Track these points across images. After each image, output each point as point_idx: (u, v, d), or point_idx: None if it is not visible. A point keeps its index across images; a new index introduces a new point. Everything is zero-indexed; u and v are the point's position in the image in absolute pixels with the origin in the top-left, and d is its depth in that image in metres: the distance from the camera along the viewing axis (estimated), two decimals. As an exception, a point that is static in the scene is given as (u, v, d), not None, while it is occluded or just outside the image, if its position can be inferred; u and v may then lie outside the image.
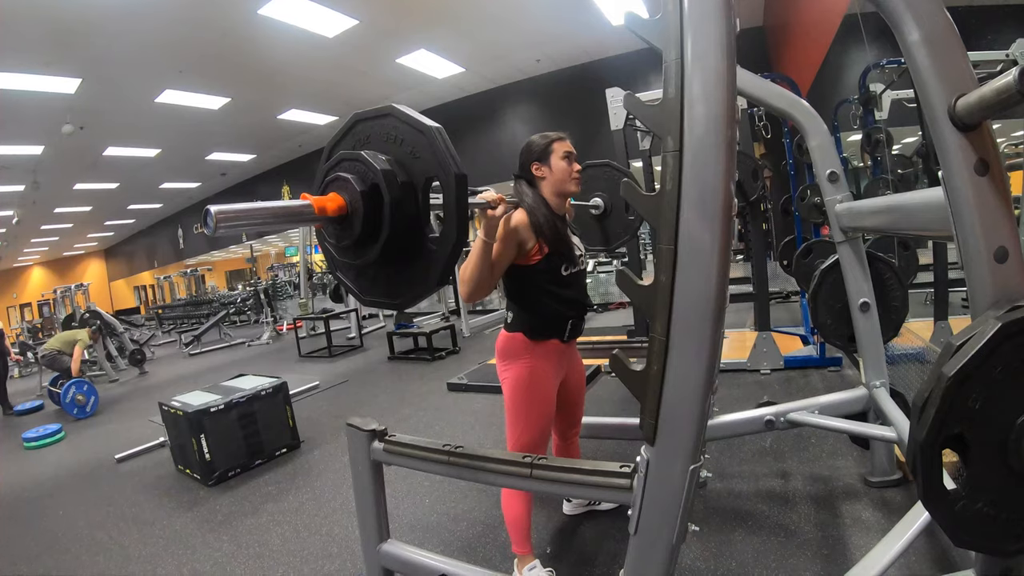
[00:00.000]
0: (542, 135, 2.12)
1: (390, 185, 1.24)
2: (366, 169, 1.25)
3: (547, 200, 2.08)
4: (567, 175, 2.08)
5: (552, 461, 1.50)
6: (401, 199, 1.25)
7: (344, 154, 1.30)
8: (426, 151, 1.26)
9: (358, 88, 10.08)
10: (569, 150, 2.10)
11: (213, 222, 1.01)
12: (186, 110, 9.74)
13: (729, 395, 4.10)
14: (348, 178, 1.25)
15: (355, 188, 1.24)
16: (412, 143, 1.28)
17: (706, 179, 1.05)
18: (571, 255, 2.11)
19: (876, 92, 4.77)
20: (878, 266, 2.48)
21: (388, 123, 1.31)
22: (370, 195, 1.24)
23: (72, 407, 6.05)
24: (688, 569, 2.16)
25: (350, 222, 1.26)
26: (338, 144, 1.41)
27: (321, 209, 1.21)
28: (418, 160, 1.28)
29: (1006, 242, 1.09)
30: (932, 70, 1.10)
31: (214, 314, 12.56)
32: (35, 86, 7.62)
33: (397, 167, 1.27)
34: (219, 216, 1.01)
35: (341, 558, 2.58)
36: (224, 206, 1.03)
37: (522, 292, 2.07)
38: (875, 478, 2.58)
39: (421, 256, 1.31)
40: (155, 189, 15.99)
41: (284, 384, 4.19)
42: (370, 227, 1.25)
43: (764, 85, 2.45)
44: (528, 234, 1.99)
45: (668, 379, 1.14)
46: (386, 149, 1.30)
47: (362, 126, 1.37)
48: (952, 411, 0.96)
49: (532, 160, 2.10)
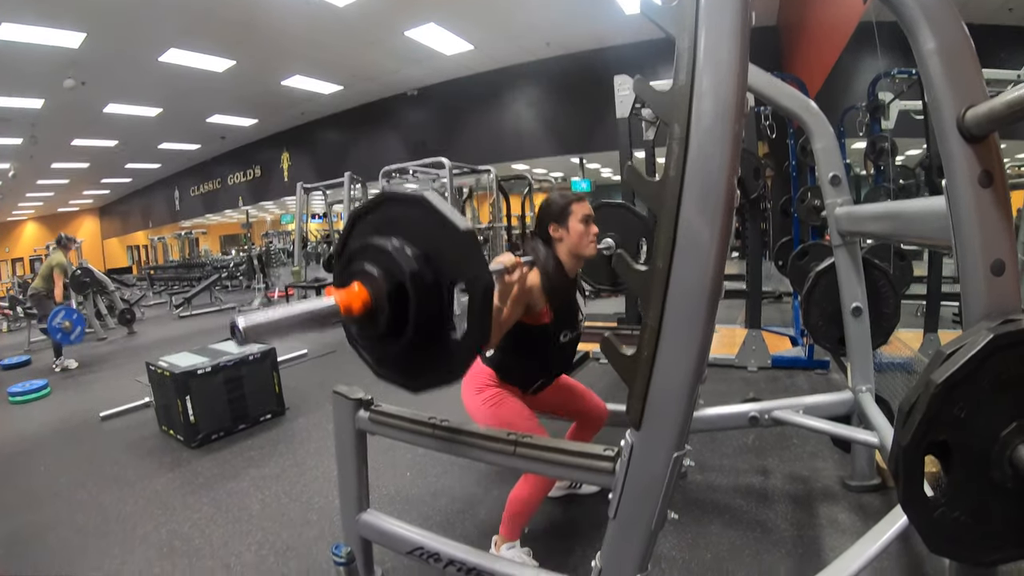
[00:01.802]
0: (561, 194, 2.13)
1: (417, 288, 1.23)
2: (393, 267, 1.24)
3: (562, 261, 2.10)
4: (584, 238, 2.09)
5: (536, 440, 1.51)
6: (427, 300, 1.25)
7: (372, 244, 1.29)
8: (456, 252, 1.24)
9: (365, 59, 10.00)
10: (588, 213, 2.11)
11: (243, 335, 1.03)
12: (189, 71, 9.65)
13: (715, 390, 4.12)
14: (374, 274, 1.24)
15: (381, 286, 1.23)
16: (441, 240, 1.25)
17: (710, 169, 1.04)
18: (574, 322, 2.18)
19: (884, 101, 4.76)
20: (873, 273, 2.49)
21: (418, 212, 1.28)
22: (396, 295, 1.23)
23: (56, 332, 6.02)
24: (663, 558, 2.18)
25: (374, 318, 1.25)
26: (363, 217, 1.39)
27: (347, 309, 1.21)
28: (446, 259, 1.26)
29: (1004, 255, 1.09)
30: (944, 79, 1.10)
31: (206, 277, 12.50)
32: (39, 39, 7.52)
33: (424, 264, 1.25)
34: (248, 330, 1.04)
35: (320, 526, 2.60)
36: (252, 318, 1.05)
37: (512, 343, 2.07)
38: (854, 482, 2.60)
39: (441, 350, 1.30)
40: (154, 149, 15.88)
41: (272, 350, 4.18)
42: (394, 327, 1.25)
43: (774, 83, 2.43)
44: (539, 298, 2.02)
45: (658, 365, 1.14)
46: (414, 238, 1.28)
47: (392, 207, 1.34)
48: (938, 418, 0.96)
49: (550, 221, 2.11)
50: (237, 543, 2.50)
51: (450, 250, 1.24)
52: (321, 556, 2.33)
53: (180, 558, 2.40)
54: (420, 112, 13.01)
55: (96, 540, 2.59)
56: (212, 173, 18.94)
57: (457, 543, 1.75)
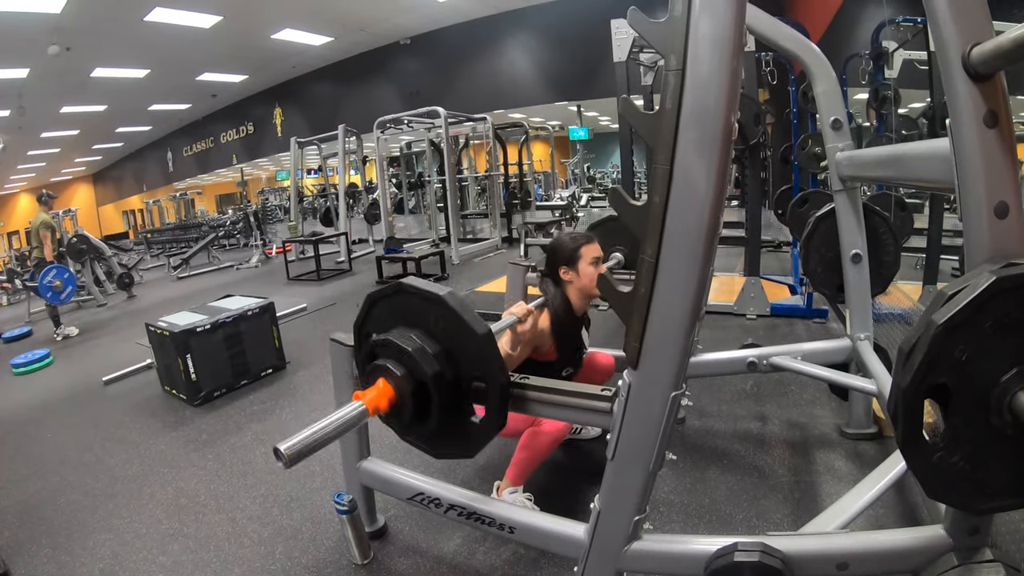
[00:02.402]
0: (571, 237, 2.20)
1: (439, 387, 1.34)
2: (415, 367, 1.34)
3: (571, 302, 2.17)
4: (594, 280, 2.12)
5: (534, 381, 1.51)
6: (448, 395, 1.37)
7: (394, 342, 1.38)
8: (474, 351, 1.35)
9: (355, 7, 9.74)
10: (597, 255, 2.17)
11: (286, 459, 1.15)
12: (176, 29, 9.42)
13: (713, 336, 4.14)
14: (398, 373, 1.35)
15: (405, 386, 1.35)
16: (459, 337, 1.35)
17: (707, 101, 1.02)
18: (576, 359, 2.29)
19: (888, 49, 4.64)
20: (873, 219, 2.45)
21: (436, 308, 1.38)
22: (419, 394, 1.36)
23: (47, 291, 6.00)
24: (662, 502, 2.21)
25: (399, 412, 1.39)
26: (379, 302, 1.49)
27: (376, 409, 1.35)
28: (465, 356, 1.37)
29: (1008, 198, 1.06)
30: (949, 15, 1.05)
31: (203, 238, 12.43)
32: (18, 6, 7.31)
33: (444, 362, 1.36)
34: (289, 453, 1.16)
35: (322, 476, 2.63)
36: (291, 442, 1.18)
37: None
38: (851, 430, 2.62)
39: (461, 432, 1.43)
40: (144, 111, 15.63)
41: (271, 305, 4.18)
42: (418, 418, 1.39)
43: (775, 25, 2.37)
44: (547, 338, 2.12)
45: (655, 302, 1.13)
46: (432, 331, 1.38)
47: (409, 299, 1.43)
48: (938, 360, 0.95)
49: (560, 264, 2.17)
50: (242, 497, 2.54)
51: (468, 347, 1.35)
52: (324, 506, 2.37)
53: (187, 514, 2.44)
54: (413, 61, 12.75)
55: (105, 501, 2.63)
56: (204, 132, 18.69)
57: (457, 488, 1.78)
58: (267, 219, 12.71)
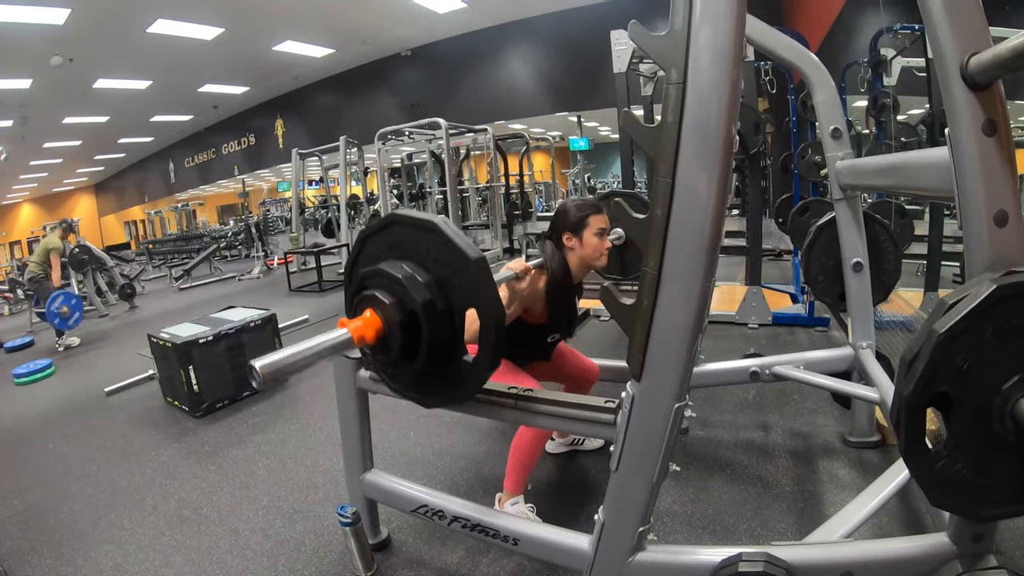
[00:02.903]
0: (577, 205, 2.14)
1: (429, 317, 1.25)
2: (405, 295, 1.25)
3: (571, 268, 2.12)
4: (597, 251, 2.11)
5: (537, 394, 1.51)
6: (439, 327, 1.27)
7: (383, 271, 1.29)
8: (466, 280, 1.25)
9: (356, 19, 9.80)
10: (604, 225, 2.11)
11: (260, 378, 1.07)
12: (178, 40, 9.46)
13: (716, 346, 4.14)
14: (386, 302, 1.26)
15: (393, 315, 1.25)
16: (452, 267, 1.27)
17: (708, 113, 1.03)
18: (566, 326, 2.25)
19: (886, 57, 4.66)
20: (874, 228, 2.46)
21: (429, 237, 1.29)
22: (408, 324, 1.26)
23: (54, 316, 6.00)
24: (665, 512, 2.21)
25: (386, 345, 1.28)
26: (371, 237, 1.40)
27: (361, 339, 1.23)
28: (457, 286, 1.27)
29: (1007, 206, 1.07)
30: (947, 25, 1.06)
31: (205, 248, 12.46)
32: (22, 17, 7.35)
33: (436, 291, 1.27)
34: (264, 371, 1.08)
35: (325, 488, 2.63)
36: (267, 360, 1.09)
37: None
38: (854, 438, 2.62)
39: (453, 373, 1.33)
40: (146, 122, 15.68)
41: (273, 316, 4.19)
42: (406, 353, 1.28)
43: (774, 35, 2.38)
44: (540, 301, 2.07)
45: (658, 314, 1.14)
46: (424, 262, 1.30)
47: (400, 230, 1.34)
48: (940, 368, 0.96)
49: (565, 230, 2.12)
50: (245, 508, 2.53)
51: (461, 277, 1.26)
52: (327, 518, 2.36)
53: (190, 526, 2.43)
54: (414, 73, 12.80)
55: (107, 512, 2.62)
56: (206, 143, 18.75)
57: (461, 500, 1.77)
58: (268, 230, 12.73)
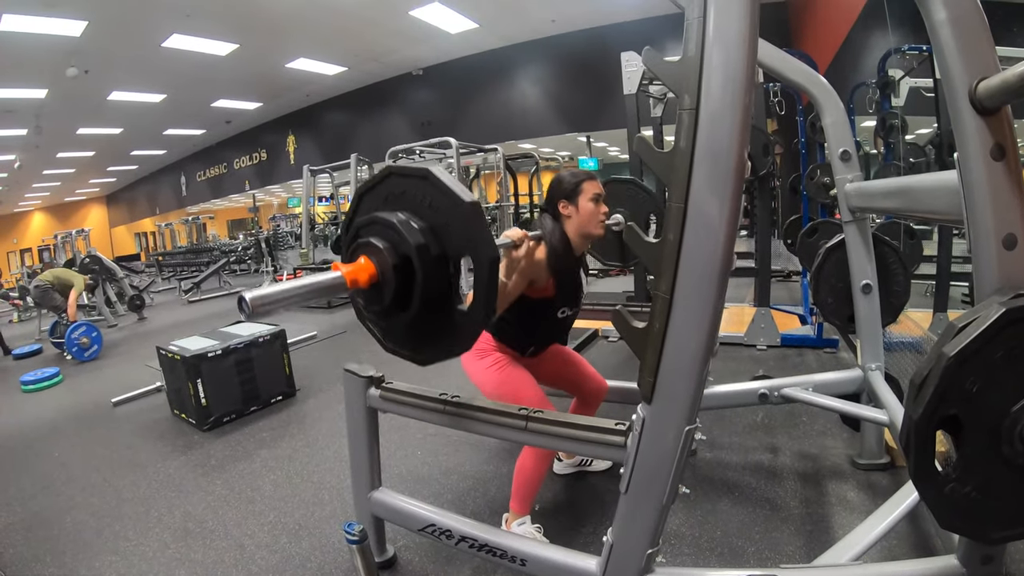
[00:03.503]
0: (572, 173, 2.13)
1: (423, 261, 1.23)
2: (400, 240, 1.24)
3: (570, 239, 2.10)
4: (593, 217, 2.09)
5: (547, 415, 1.52)
6: (432, 272, 1.25)
7: (379, 218, 1.28)
8: (460, 225, 1.24)
9: (369, 39, 9.92)
10: (598, 191, 2.10)
11: (250, 308, 1.03)
12: (193, 55, 9.60)
13: (724, 368, 4.12)
14: (380, 247, 1.24)
15: (387, 260, 1.23)
16: (447, 213, 1.25)
17: (720, 139, 1.04)
18: (575, 299, 2.18)
19: (895, 78, 4.69)
20: (883, 250, 2.47)
21: (423, 186, 1.28)
22: (402, 269, 1.24)
23: (73, 345, 6.05)
24: (674, 535, 2.19)
25: (380, 291, 1.26)
26: (369, 191, 1.39)
27: (353, 282, 1.21)
28: (451, 232, 1.26)
29: (1016, 229, 1.08)
30: (956, 50, 1.08)
31: (214, 262, 12.54)
32: (40, 28, 7.48)
33: (430, 236, 1.25)
34: (255, 301, 1.04)
35: (332, 505, 2.62)
36: (258, 292, 1.05)
37: (514, 312, 2.05)
38: (863, 460, 2.60)
39: (448, 322, 1.31)
40: (159, 135, 15.86)
41: (282, 331, 4.21)
42: (400, 299, 1.26)
43: (783, 58, 2.40)
44: (544, 273, 2.02)
45: (669, 337, 1.14)
46: (419, 211, 1.28)
47: (396, 181, 1.34)
48: (949, 391, 0.96)
49: (560, 198, 2.10)
50: (250, 523, 2.53)
51: (456, 223, 1.24)
52: (334, 535, 2.36)
53: (194, 539, 2.43)
54: (426, 92, 12.92)
55: (112, 523, 2.62)
56: (218, 158, 18.94)
57: (468, 520, 1.77)
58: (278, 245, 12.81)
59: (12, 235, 24.84)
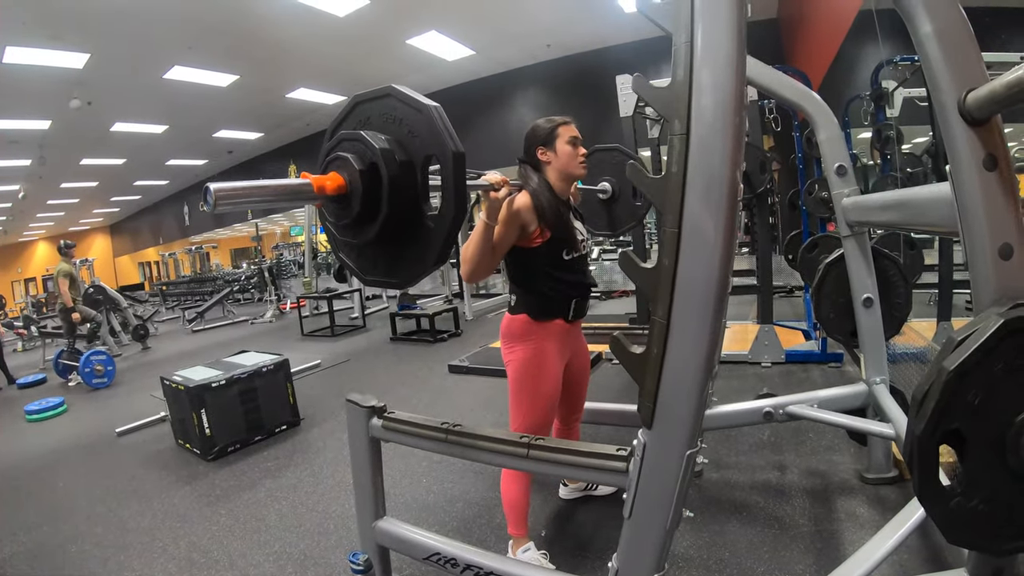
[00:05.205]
0: (547, 119, 2.11)
1: (388, 164, 1.24)
2: (365, 148, 1.25)
3: (552, 185, 2.08)
4: (572, 159, 2.08)
5: (549, 442, 1.51)
6: (399, 177, 1.25)
7: (344, 134, 1.31)
8: (424, 130, 1.26)
9: (367, 68, 10.02)
10: (575, 135, 2.09)
11: (213, 199, 1.02)
12: (194, 87, 9.71)
13: (729, 386, 4.10)
14: (347, 157, 1.25)
15: (354, 167, 1.24)
16: (411, 123, 1.28)
17: (712, 163, 1.04)
18: (572, 240, 2.10)
19: (888, 89, 4.74)
20: (883, 262, 2.47)
21: (388, 104, 1.31)
22: (368, 174, 1.24)
23: (87, 367, 6.07)
24: (681, 557, 2.17)
25: (349, 201, 1.27)
26: (340, 125, 1.41)
27: (320, 188, 1.22)
28: (417, 139, 1.27)
29: (1011, 239, 1.08)
30: (943, 63, 1.09)
31: (218, 291, 12.58)
32: (43, 60, 7.59)
33: (396, 146, 1.27)
34: (219, 193, 1.02)
35: (337, 535, 2.60)
36: (224, 184, 1.04)
37: (524, 275, 2.08)
38: (871, 475, 2.58)
39: (420, 235, 1.30)
40: (162, 166, 15.99)
41: (285, 361, 4.20)
42: (369, 206, 1.26)
43: (775, 76, 2.43)
44: (530, 217, 1.98)
45: (667, 362, 1.14)
46: (386, 129, 1.30)
47: (363, 107, 1.37)
48: (951, 406, 0.95)
49: (537, 144, 2.10)
50: (255, 554, 2.51)
51: (422, 130, 1.26)
52: (339, 564, 2.34)
53: (199, 570, 2.42)
54: (424, 119, 13.01)
55: (116, 553, 2.61)
56: (221, 187, 19.04)
57: (474, 547, 1.76)
58: (281, 274, 12.85)
59: (16, 264, 25.05)
